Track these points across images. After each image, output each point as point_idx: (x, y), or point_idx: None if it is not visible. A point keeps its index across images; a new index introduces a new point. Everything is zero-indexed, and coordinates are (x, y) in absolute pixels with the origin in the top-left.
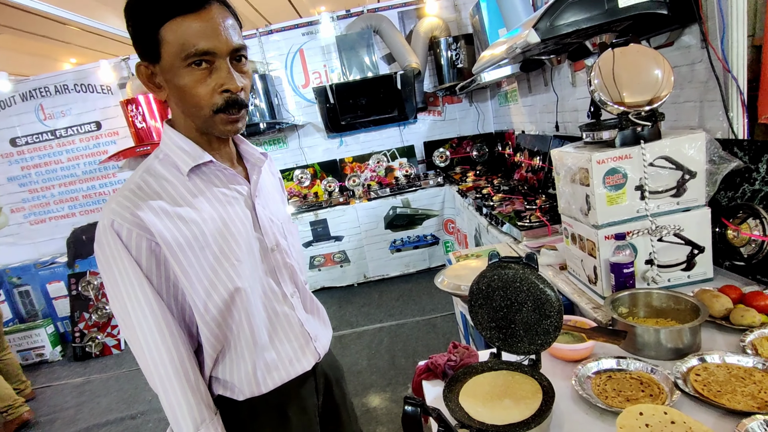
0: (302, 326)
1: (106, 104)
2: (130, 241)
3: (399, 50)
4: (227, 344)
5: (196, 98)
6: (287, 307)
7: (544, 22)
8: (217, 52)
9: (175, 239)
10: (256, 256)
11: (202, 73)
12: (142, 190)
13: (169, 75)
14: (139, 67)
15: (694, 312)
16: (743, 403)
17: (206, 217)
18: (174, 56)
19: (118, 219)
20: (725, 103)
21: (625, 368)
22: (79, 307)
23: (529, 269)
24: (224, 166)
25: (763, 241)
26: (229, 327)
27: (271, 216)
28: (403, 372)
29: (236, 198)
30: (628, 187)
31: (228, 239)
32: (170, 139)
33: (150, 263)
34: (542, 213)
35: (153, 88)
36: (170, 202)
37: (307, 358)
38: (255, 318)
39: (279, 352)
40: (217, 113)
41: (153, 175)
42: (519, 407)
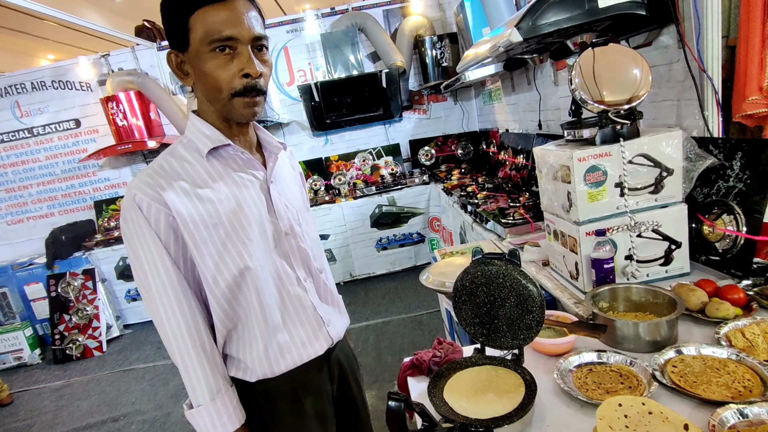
0: (315, 310)
1: (86, 101)
2: (150, 214)
3: (384, 48)
4: (239, 322)
5: (218, 81)
6: (300, 290)
7: (526, 21)
8: (239, 39)
9: (191, 216)
10: (269, 239)
11: (224, 59)
12: (163, 169)
13: (195, 61)
14: (170, 56)
15: (671, 306)
16: (718, 393)
17: (222, 197)
18: (200, 42)
19: (139, 193)
20: (701, 102)
21: (605, 361)
22: (58, 308)
23: (512, 265)
24: (242, 150)
25: (736, 236)
26: (240, 305)
27: (286, 202)
28: (389, 369)
29: (252, 182)
30: (608, 184)
31: (241, 219)
32: (194, 125)
33: (168, 236)
34: (525, 210)
35: (181, 75)
36: (189, 181)
37: (319, 342)
38: (266, 298)
39: (291, 334)
40: (235, 96)
41: (175, 157)
42: (502, 401)
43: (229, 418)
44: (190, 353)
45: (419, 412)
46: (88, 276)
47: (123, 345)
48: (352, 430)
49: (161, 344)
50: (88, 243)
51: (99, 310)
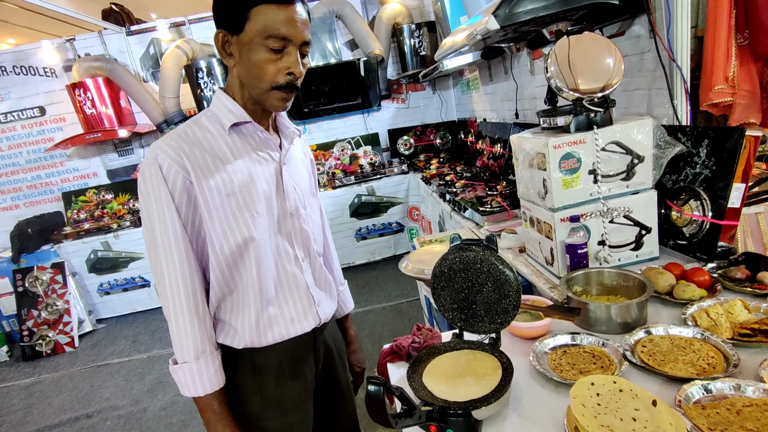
0: (308, 289)
1: (51, 88)
2: (169, 174)
3: (362, 36)
4: (236, 289)
5: (263, 72)
6: (297, 268)
7: (503, 9)
8: (293, 40)
9: (207, 183)
10: (274, 216)
11: (275, 55)
12: (187, 135)
13: (245, 48)
14: (218, 35)
15: (641, 288)
16: (684, 370)
17: (237, 170)
18: (256, 33)
19: (162, 154)
20: (671, 91)
21: (579, 343)
22: (26, 304)
23: (489, 251)
24: (261, 129)
25: (702, 221)
26: (239, 273)
27: (294, 184)
28: (370, 357)
29: (266, 160)
30: (582, 171)
31: (252, 193)
32: (220, 101)
33: (182, 198)
34: (503, 198)
35: (224, 54)
36: (209, 151)
37: (308, 320)
38: (264, 271)
39: (282, 309)
40: (274, 89)
41: (199, 126)
42: (480, 384)
43: (209, 380)
44: (183, 311)
45: (398, 396)
46: (57, 270)
47: (96, 340)
48: (335, 412)
49: (136, 338)
50: (57, 236)
51: (70, 304)
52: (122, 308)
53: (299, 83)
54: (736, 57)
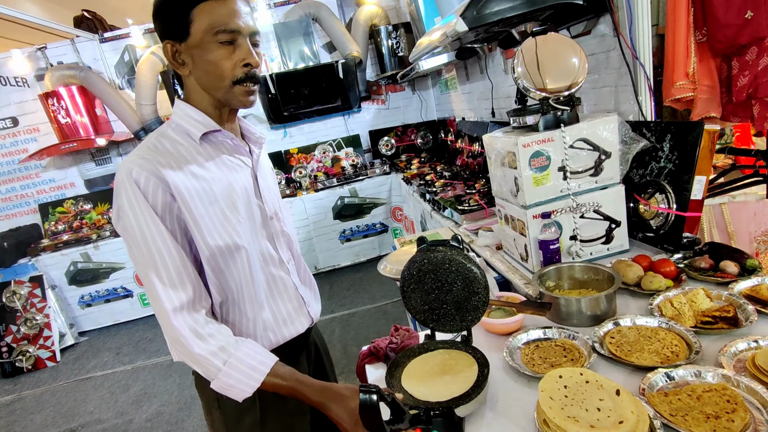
0: (296, 290)
1: (23, 98)
2: (148, 188)
3: (339, 39)
4: (230, 293)
5: (221, 70)
6: (283, 271)
7: (470, 11)
8: (242, 31)
9: (188, 190)
10: (256, 221)
11: (227, 50)
12: (157, 148)
13: (196, 51)
14: (166, 46)
15: (610, 281)
16: (649, 359)
17: (215, 177)
18: (204, 33)
19: (136, 168)
20: (635, 88)
21: (550, 337)
22: (4, 319)
23: (455, 250)
24: (231, 135)
25: (668, 213)
26: (229, 278)
27: (269, 189)
28: (355, 360)
29: (240, 166)
30: (551, 168)
31: (234, 199)
32: (183, 111)
33: (165, 211)
34: (480, 197)
35: (177, 65)
36: (183, 161)
37: (300, 320)
38: (254, 276)
39: (275, 313)
40: (236, 84)
41: (167, 138)
42: (458, 382)
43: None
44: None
45: (391, 402)
46: (35, 283)
47: (79, 353)
48: None
49: (120, 350)
50: (34, 249)
51: (50, 318)
52: (105, 320)
53: (258, 73)
54: (696, 53)
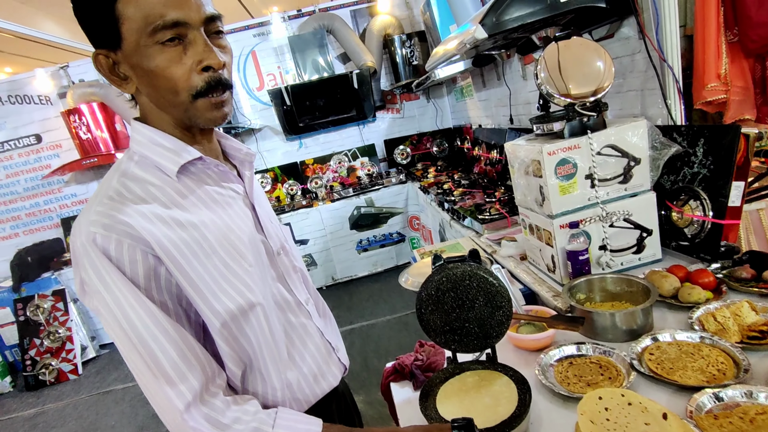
0: (322, 336)
1: (46, 115)
2: (122, 256)
3: (353, 49)
4: (249, 364)
5: (172, 81)
6: (303, 316)
7: (489, 17)
8: (189, 22)
9: (176, 245)
10: (264, 262)
11: (175, 51)
12: (122, 195)
13: (135, 59)
14: (97, 58)
15: (645, 293)
16: (693, 378)
17: (206, 220)
18: (138, 33)
19: (101, 231)
20: (663, 91)
21: (585, 353)
22: (28, 333)
23: (474, 265)
24: (215, 162)
25: (704, 221)
26: (249, 343)
27: (268, 217)
28: (376, 373)
29: (233, 197)
30: (578, 176)
31: (235, 243)
32: (145, 137)
33: (149, 279)
34: (501, 205)
35: (117, 81)
36: (160, 207)
37: (332, 372)
38: (274, 334)
39: (301, 369)
40: (198, 98)
41: (133, 179)
42: (501, 403)
43: (308, 420)
44: None
45: None
46: (58, 297)
47: (100, 366)
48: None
49: None
50: (57, 262)
51: (72, 331)
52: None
53: (227, 75)
54: (727, 54)
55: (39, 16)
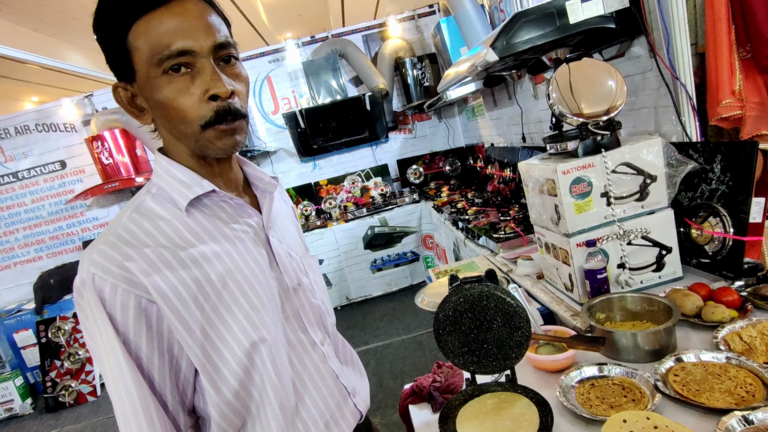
0: (337, 379)
1: (71, 142)
2: (114, 302)
3: (366, 72)
4: (249, 415)
5: (181, 112)
6: (317, 358)
7: (500, 40)
8: (196, 51)
9: (175, 291)
10: (276, 301)
11: (183, 81)
12: (131, 233)
13: (147, 90)
14: (117, 90)
15: (667, 312)
16: (721, 400)
17: (211, 256)
18: (148, 65)
19: (99, 273)
20: (677, 108)
21: (607, 374)
22: (49, 354)
23: (491, 285)
24: (230, 195)
25: (724, 237)
26: (250, 393)
27: (288, 250)
28: (392, 394)
29: (246, 232)
30: (594, 194)
31: (241, 283)
32: (163, 169)
33: (139, 327)
34: (516, 223)
35: (136, 112)
36: (167, 245)
37: (346, 419)
38: (282, 377)
39: (312, 416)
40: (207, 128)
41: (144, 214)
42: (522, 425)
43: None
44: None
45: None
46: (78, 319)
47: None
48: None
49: None
50: None
51: None
52: None
53: (239, 104)
54: (741, 71)
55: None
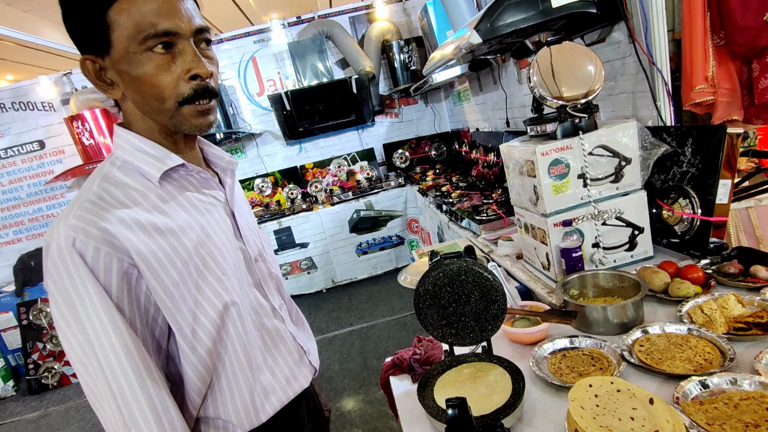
0: (294, 340)
1: (49, 122)
2: (97, 263)
3: (352, 55)
4: (216, 374)
5: (159, 88)
6: (278, 321)
7: (484, 23)
8: (179, 32)
9: (154, 254)
10: (241, 269)
11: (164, 59)
12: (104, 200)
13: (123, 65)
14: (85, 63)
15: (636, 288)
16: (681, 367)
17: (184, 226)
18: (129, 41)
19: (80, 236)
20: (653, 93)
21: (577, 346)
22: (31, 337)
23: (470, 261)
24: (198, 169)
25: (693, 218)
26: (218, 354)
27: (248, 225)
28: (375, 373)
29: (213, 204)
30: (571, 176)
31: (212, 250)
32: (128, 143)
33: (122, 289)
34: (498, 206)
35: (103, 86)
36: (141, 213)
37: (303, 374)
38: (249, 338)
39: (274, 372)
40: (184, 104)
41: (114, 183)
42: (496, 391)
43: None
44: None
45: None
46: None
47: None
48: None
49: None
50: None
51: None
52: None
53: (214, 84)
54: (714, 57)
55: (41, 24)
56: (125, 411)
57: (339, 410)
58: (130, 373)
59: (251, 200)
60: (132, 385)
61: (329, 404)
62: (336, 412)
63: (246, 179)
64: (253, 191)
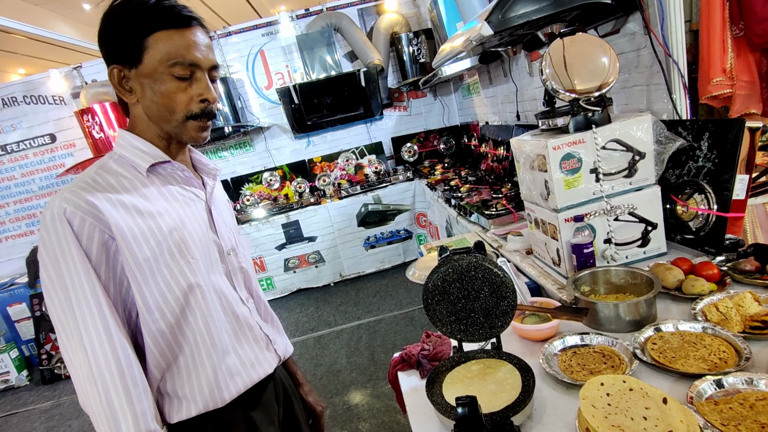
0: (261, 329)
1: (60, 115)
2: (82, 230)
3: (361, 47)
4: (183, 350)
5: (174, 103)
6: (245, 311)
7: (495, 14)
8: (200, 65)
9: (131, 231)
10: (213, 258)
11: (183, 83)
12: (97, 182)
13: (147, 79)
14: (112, 70)
15: (649, 285)
16: (695, 366)
17: (163, 212)
18: (159, 63)
19: (70, 207)
20: (669, 86)
21: (588, 343)
22: (44, 327)
23: (479, 256)
24: (182, 167)
25: (708, 214)
26: (184, 330)
27: (224, 222)
28: (383, 367)
29: (192, 199)
30: (583, 170)
31: (185, 236)
32: (127, 141)
33: (100, 256)
34: (508, 201)
35: (122, 90)
36: (127, 196)
37: (267, 360)
38: (214, 320)
39: (240, 356)
40: (189, 119)
41: (108, 171)
42: (505, 389)
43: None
44: (118, 391)
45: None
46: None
47: None
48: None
49: None
50: None
51: None
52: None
53: (215, 109)
54: (733, 49)
55: (52, 18)
56: (93, 363)
57: (346, 404)
58: (100, 327)
59: (259, 194)
60: (101, 339)
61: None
62: (343, 406)
63: (254, 173)
64: (261, 185)
